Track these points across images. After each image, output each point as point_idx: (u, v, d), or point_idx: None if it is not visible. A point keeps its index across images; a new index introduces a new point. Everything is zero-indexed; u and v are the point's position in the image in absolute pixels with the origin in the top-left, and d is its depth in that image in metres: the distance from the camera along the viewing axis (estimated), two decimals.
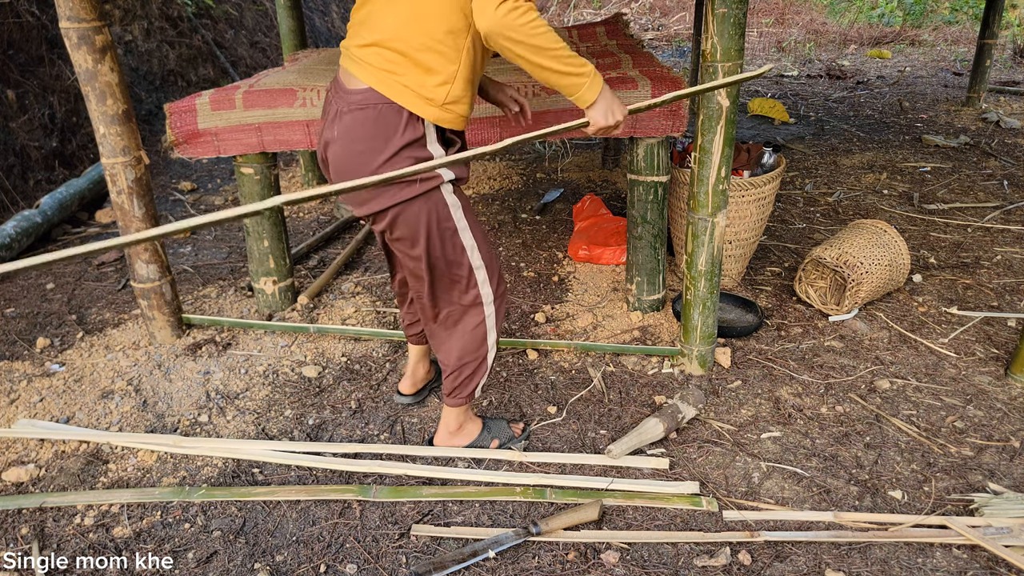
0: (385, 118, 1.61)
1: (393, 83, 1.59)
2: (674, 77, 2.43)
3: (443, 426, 2.07)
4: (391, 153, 1.62)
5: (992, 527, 1.74)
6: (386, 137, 1.61)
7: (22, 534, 1.82)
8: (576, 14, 10.86)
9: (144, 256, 2.53)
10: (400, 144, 1.62)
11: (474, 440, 2.09)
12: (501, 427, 2.12)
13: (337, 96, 1.68)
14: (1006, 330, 2.65)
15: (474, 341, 1.90)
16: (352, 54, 1.65)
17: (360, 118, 1.62)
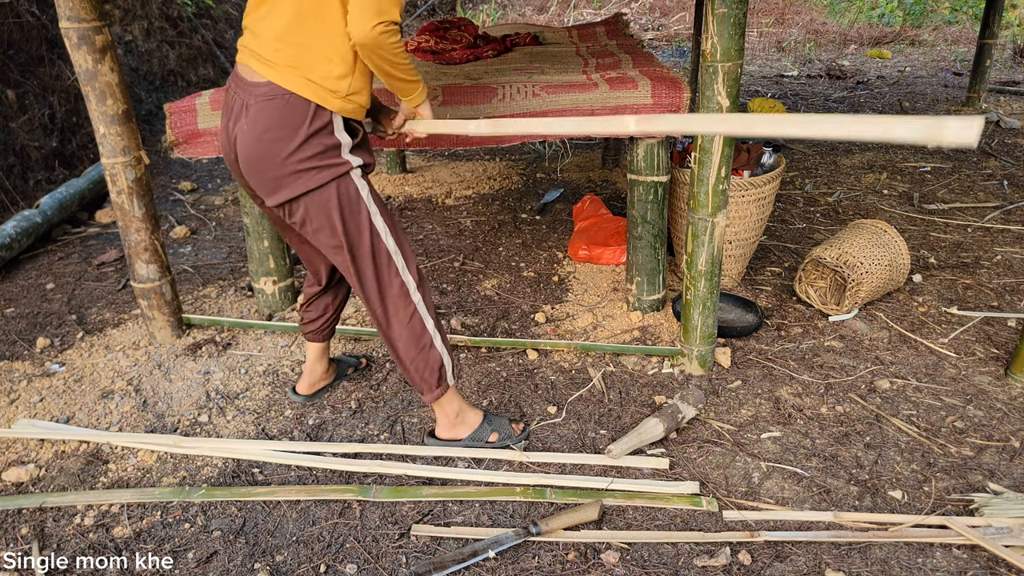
0: (293, 107, 1.66)
1: (296, 78, 1.65)
2: (674, 77, 2.43)
3: (441, 418, 2.07)
4: (301, 140, 1.67)
5: (992, 527, 1.74)
6: (295, 125, 1.66)
7: (22, 534, 1.82)
8: (576, 14, 10.86)
9: (144, 256, 2.53)
10: (309, 132, 1.67)
11: (474, 431, 2.09)
12: (502, 423, 2.13)
13: (240, 90, 1.70)
14: (1006, 330, 2.65)
15: (413, 332, 1.91)
16: (253, 51, 1.69)
17: (268, 108, 1.66)
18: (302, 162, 1.69)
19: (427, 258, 3.39)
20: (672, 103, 2.36)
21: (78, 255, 3.56)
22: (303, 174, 1.70)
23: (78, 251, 3.61)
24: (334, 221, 1.77)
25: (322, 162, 1.70)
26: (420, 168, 4.80)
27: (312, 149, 1.68)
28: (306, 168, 1.70)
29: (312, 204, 1.75)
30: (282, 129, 1.66)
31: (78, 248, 3.65)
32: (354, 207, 1.78)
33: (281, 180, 1.71)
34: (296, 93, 1.65)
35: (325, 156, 1.71)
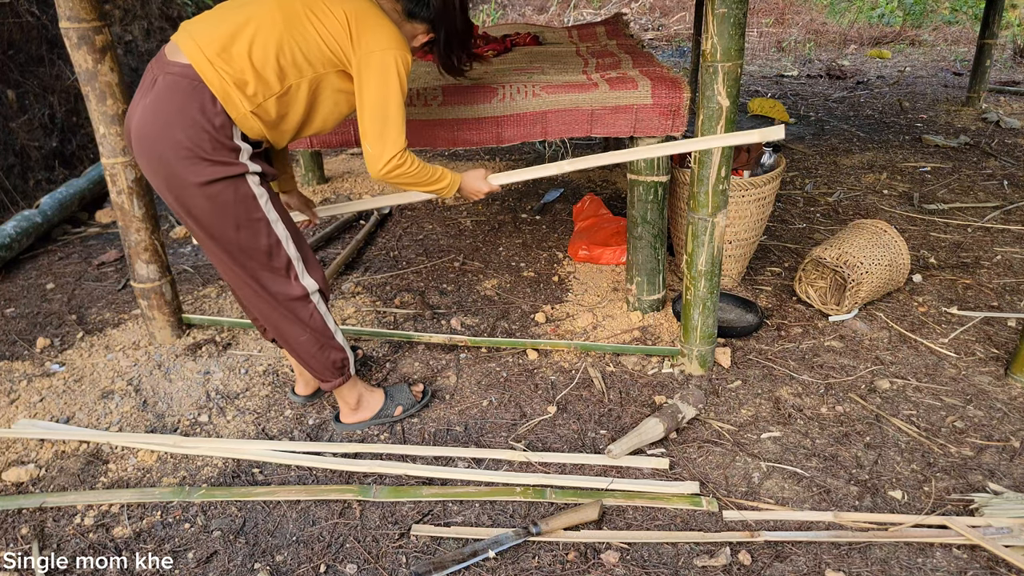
0: (198, 94, 1.63)
1: (216, 74, 1.63)
2: (674, 77, 2.43)
3: (343, 405, 2.14)
4: (196, 128, 1.62)
5: (992, 527, 1.74)
6: (194, 111, 1.62)
7: (22, 534, 1.82)
8: (576, 14, 10.86)
9: (144, 256, 2.53)
10: (206, 124, 1.63)
11: (379, 411, 2.16)
12: (403, 392, 2.19)
13: (157, 66, 1.68)
14: (1006, 330, 2.65)
15: (313, 333, 1.94)
16: (191, 33, 1.67)
17: (174, 85, 1.63)
18: (193, 151, 1.63)
19: (427, 258, 3.39)
20: (672, 103, 2.36)
21: (78, 255, 3.56)
22: (194, 163, 1.64)
23: (78, 251, 3.61)
24: (225, 224, 1.73)
25: (215, 157, 1.65)
26: None
27: (206, 142, 1.64)
28: (198, 158, 1.64)
29: (204, 202, 1.69)
30: (180, 114, 1.62)
31: (78, 248, 3.65)
32: (251, 212, 1.74)
33: (170, 164, 1.65)
34: (207, 84, 1.62)
35: (219, 153, 1.66)
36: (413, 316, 2.85)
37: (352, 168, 4.84)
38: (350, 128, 2.47)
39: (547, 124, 2.44)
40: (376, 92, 1.71)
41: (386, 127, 1.74)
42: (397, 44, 1.73)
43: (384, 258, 3.43)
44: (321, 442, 2.14)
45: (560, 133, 2.45)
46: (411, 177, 1.84)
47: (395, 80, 1.72)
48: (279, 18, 1.67)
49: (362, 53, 1.70)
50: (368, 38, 1.70)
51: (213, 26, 1.66)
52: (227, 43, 1.64)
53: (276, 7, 1.68)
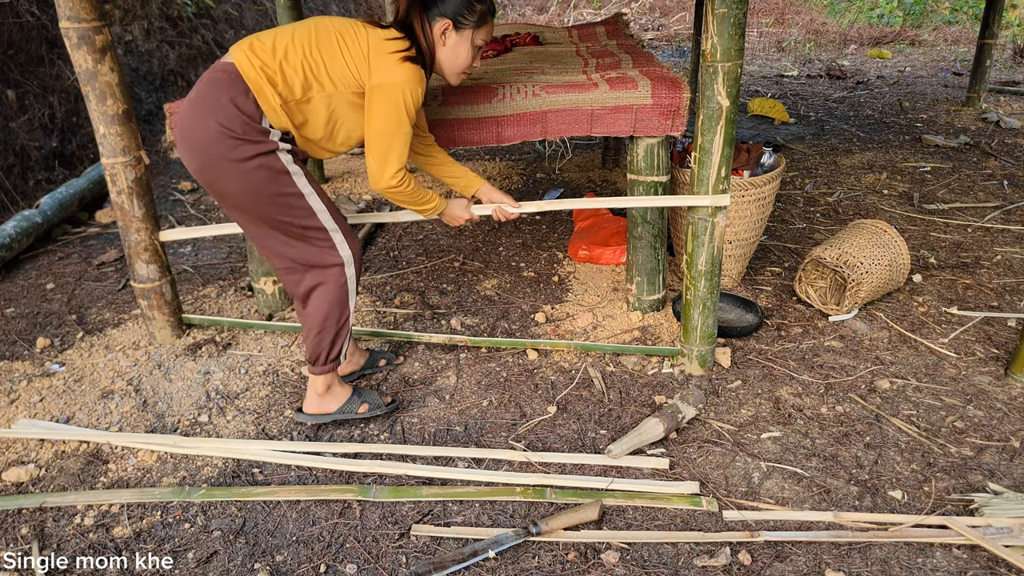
0: (235, 85, 1.78)
1: (255, 70, 1.79)
2: (674, 77, 2.43)
3: (311, 392, 2.15)
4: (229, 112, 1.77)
5: (992, 527, 1.74)
6: (228, 99, 1.77)
7: (22, 534, 1.82)
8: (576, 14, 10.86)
9: (144, 256, 2.53)
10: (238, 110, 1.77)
11: (343, 404, 2.18)
12: (372, 395, 2.22)
13: (207, 70, 1.87)
14: (1006, 330, 2.65)
15: (339, 301, 2.01)
16: (240, 42, 1.86)
17: (213, 79, 1.81)
18: (225, 132, 1.77)
19: (427, 258, 3.39)
20: (672, 103, 2.36)
21: (78, 255, 3.56)
22: (226, 142, 1.78)
23: (78, 251, 3.61)
24: (260, 199, 1.85)
25: (246, 136, 1.78)
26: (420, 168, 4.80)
27: (237, 125, 1.77)
28: (230, 138, 1.77)
29: (239, 178, 1.81)
30: (217, 100, 1.77)
31: (78, 248, 3.65)
32: (285, 187, 1.86)
33: (205, 148, 1.80)
34: (242, 76, 1.78)
35: (249, 134, 1.79)
36: (413, 316, 2.85)
37: (352, 168, 4.84)
38: None
39: (547, 124, 2.44)
40: (383, 121, 1.86)
41: (389, 153, 1.90)
42: (408, 78, 1.85)
43: (384, 258, 3.43)
44: (321, 442, 2.14)
45: (560, 133, 2.45)
46: (406, 196, 2.02)
47: (402, 112, 1.86)
48: (313, 35, 1.85)
49: (374, 82, 1.85)
50: (381, 69, 1.84)
51: (258, 36, 1.87)
52: (266, 44, 1.83)
53: (313, 26, 1.87)
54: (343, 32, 1.86)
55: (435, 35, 1.93)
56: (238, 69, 1.79)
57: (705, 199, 2.20)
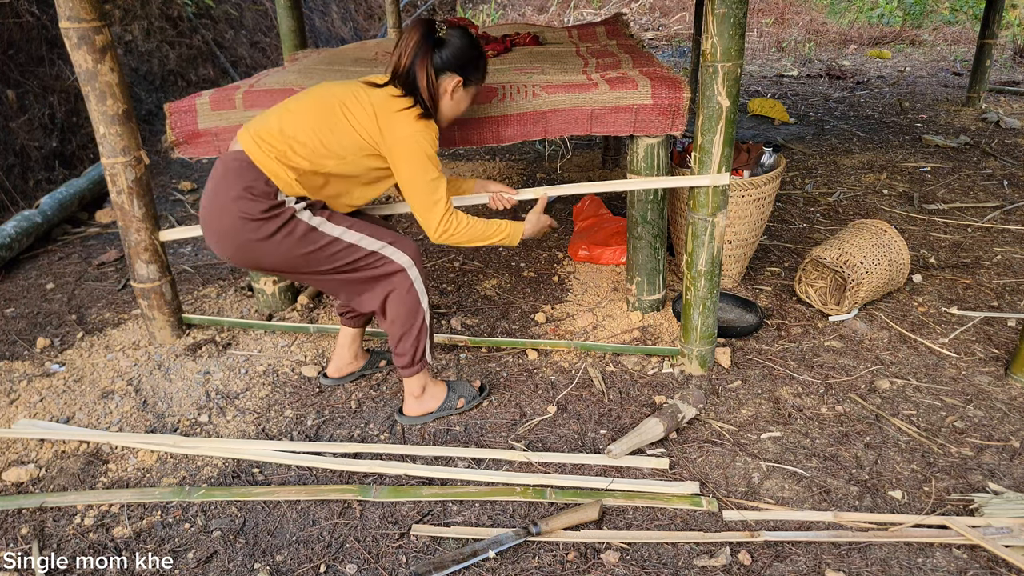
0: (248, 172, 1.88)
1: (264, 154, 1.88)
2: (674, 77, 2.43)
3: (408, 395, 2.19)
4: (243, 200, 1.86)
5: (992, 527, 1.74)
6: (242, 187, 1.87)
7: (22, 534, 1.82)
8: (576, 14, 10.86)
9: (144, 256, 2.53)
10: (253, 195, 1.87)
11: (443, 403, 2.21)
12: (464, 387, 2.26)
13: (220, 158, 1.97)
14: (1006, 330, 2.65)
15: (412, 303, 2.04)
16: (247, 126, 1.96)
17: (226, 169, 1.91)
18: (246, 217, 1.87)
19: (427, 258, 3.39)
20: (672, 103, 2.36)
21: (78, 255, 3.56)
22: (249, 226, 1.88)
23: (78, 251, 3.61)
24: (301, 260, 1.94)
25: (266, 216, 1.88)
26: None
27: (255, 209, 1.86)
28: (251, 220, 1.87)
29: (273, 251, 1.92)
30: (233, 189, 1.87)
31: (78, 248, 3.65)
32: (317, 240, 1.94)
33: (232, 235, 1.90)
34: (254, 162, 1.87)
35: (267, 212, 1.88)
36: None
37: None
38: None
39: (547, 124, 2.44)
40: (410, 173, 1.94)
41: (426, 199, 1.97)
42: (419, 128, 1.91)
43: None
44: (321, 442, 2.14)
45: (560, 132, 2.45)
46: (465, 234, 2.04)
47: (424, 160, 1.92)
48: (317, 111, 1.91)
49: (391, 142, 1.91)
50: (393, 127, 1.90)
51: (263, 119, 1.94)
52: (272, 128, 1.90)
53: (315, 100, 1.93)
54: (346, 100, 1.91)
55: (442, 88, 1.97)
56: (250, 157, 1.88)
57: (705, 179, 2.18)
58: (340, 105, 1.91)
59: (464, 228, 2.03)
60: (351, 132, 1.90)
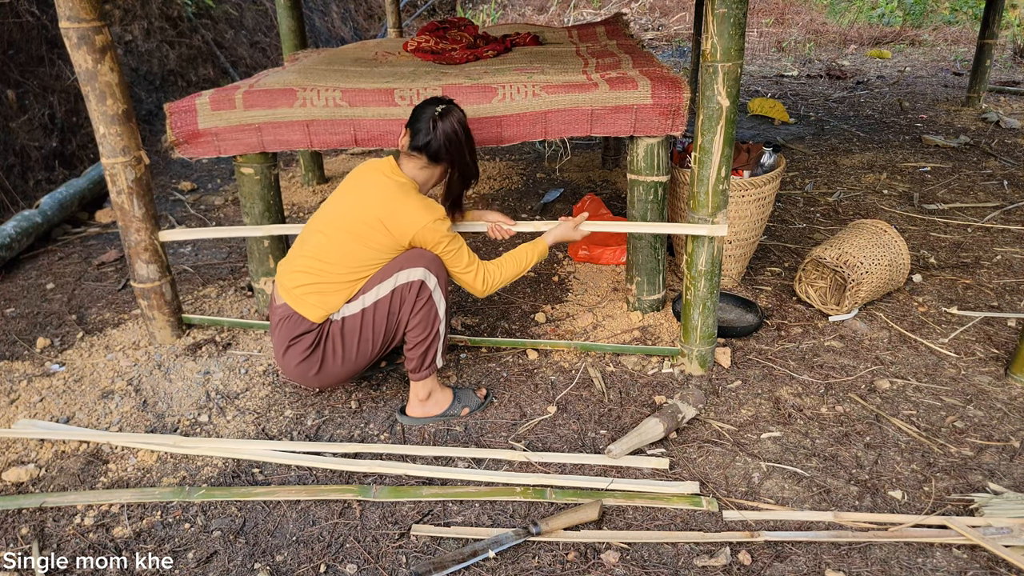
0: (295, 321, 2.06)
1: (302, 301, 2.05)
2: (673, 77, 2.43)
3: (413, 397, 2.20)
4: (293, 338, 2.06)
5: (992, 527, 1.74)
6: (294, 333, 2.06)
7: (22, 534, 1.82)
8: (576, 14, 10.86)
9: (144, 256, 2.53)
10: (306, 336, 2.05)
11: (446, 409, 2.22)
12: (469, 395, 2.27)
13: (271, 310, 2.15)
14: (1006, 330, 2.65)
15: (427, 313, 2.08)
16: (280, 280, 2.12)
17: (280, 324, 2.09)
18: (307, 361, 2.07)
19: None
20: (672, 103, 2.36)
21: (78, 255, 3.56)
22: (308, 362, 2.08)
23: (78, 251, 3.61)
24: (356, 353, 2.08)
25: (316, 344, 2.06)
26: None
27: (308, 346, 2.05)
28: (308, 357, 2.07)
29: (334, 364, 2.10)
30: (288, 340, 2.06)
31: (78, 248, 3.65)
32: (363, 326, 2.07)
33: (303, 379, 2.12)
34: (298, 312, 2.04)
35: (316, 340, 2.07)
36: None
37: (352, 168, 4.84)
38: (350, 129, 2.47)
39: (547, 124, 2.44)
40: (442, 249, 2.08)
41: (459, 266, 2.12)
42: (426, 211, 2.02)
43: None
44: (321, 442, 2.14)
45: (560, 133, 2.45)
46: (505, 277, 2.21)
47: (443, 235, 2.05)
48: (338, 250, 2.03)
49: (412, 239, 2.04)
50: (406, 225, 2.01)
51: (291, 268, 2.10)
52: (302, 274, 2.06)
53: (330, 239, 2.04)
54: (354, 229, 2.02)
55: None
56: (293, 309, 2.05)
57: (703, 228, 2.25)
58: (351, 236, 2.04)
59: (500, 274, 2.19)
60: (374, 253, 2.06)
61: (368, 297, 2.05)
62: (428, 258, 2.05)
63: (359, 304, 2.06)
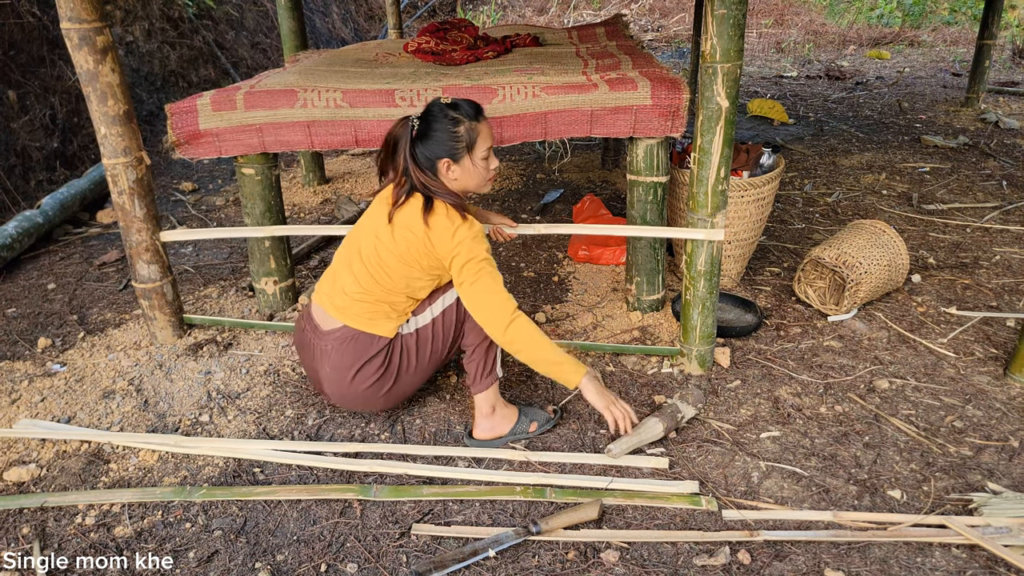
0: (363, 342, 2.00)
1: (363, 319, 1.99)
2: (673, 78, 2.43)
3: (477, 415, 2.12)
4: (366, 359, 2.00)
5: (991, 527, 1.75)
6: (361, 355, 2.00)
7: (23, 534, 1.83)
8: (576, 15, 10.87)
9: (145, 256, 2.54)
10: (371, 357, 2.00)
11: (514, 426, 2.13)
12: (536, 412, 2.19)
13: (317, 337, 2.05)
14: (1005, 330, 2.66)
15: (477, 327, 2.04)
16: (328, 295, 2.06)
17: (341, 348, 2.01)
18: (371, 376, 2.02)
19: None
20: (671, 104, 2.37)
21: (79, 255, 3.56)
22: (379, 384, 2.04)
23: (79, 251, 3.61)
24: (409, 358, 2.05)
25: (384, 365, 2.02)
26: None
27: (375, 365, 2.01)
28: (375, 376, 2.02)
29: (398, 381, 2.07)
30: (356, 360, 2.00)
31: (79, 248, 3.65)
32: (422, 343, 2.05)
33: (363, 400, 2.08)
34: (361, 330, 1.98)
35: (383, 359, 2.02)
36: None
37: (352, 169, 4.85)
38: (351, 129, 2.47)
39: (547, 124, 2.44)
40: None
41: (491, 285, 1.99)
42: (459, 230, 1.92)
43: None
44: (322, 442, 2.14)
45: (560, 133, 2.46)
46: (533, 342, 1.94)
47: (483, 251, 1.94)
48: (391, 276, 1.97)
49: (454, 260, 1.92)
50: (442, 245, 1.92)
51: (339, 291, 2.03)
52: (355, 294, 1.99)
53: (389, 266, 1.97)
54: (405, 257, 1.95)
55: (442, 175, 1.97)
56: (355, 328, 1.98)
57: (700, 233, 2.25)
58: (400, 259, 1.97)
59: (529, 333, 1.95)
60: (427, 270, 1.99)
61: (436, 306, 2.03)
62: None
63: (428, 314, 2.03)
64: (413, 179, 1.96)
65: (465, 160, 1.97)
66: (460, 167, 1.97)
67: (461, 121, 1.94)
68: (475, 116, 1.96)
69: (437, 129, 1.93)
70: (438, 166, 1.96)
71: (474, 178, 2.01)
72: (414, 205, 1.96)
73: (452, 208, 1.95)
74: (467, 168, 1.98)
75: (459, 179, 1.99)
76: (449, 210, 1.94)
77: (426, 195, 1.95)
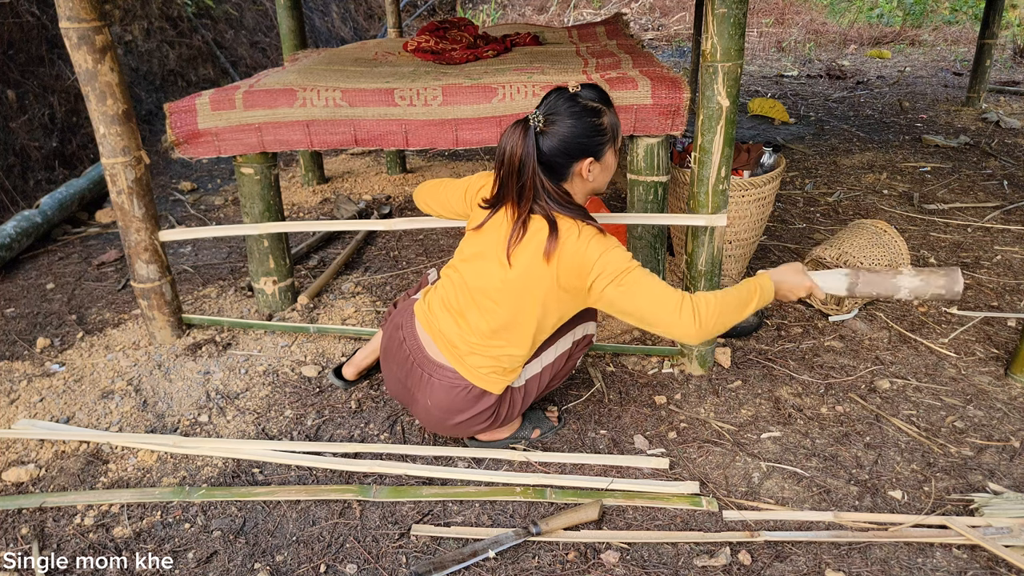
0: (474, 395, 1.87)
1: (479, 374, 1.85)
2: (674, 77, 2.43)
3: None
4: (474, 412, 1.91)
5: (992, 527, 1.74)
6: (474, 408, 1.90)
7: (22, 534, 1.82)
8: (576, 14, 10.86)
9: (144, 256, 2.53)
10: (483, 413, 1.91)
11: (516, 431, 2.11)
12: (539, 417, 2.16)
13: (421, 359, 1.90)
14: (1006, 330, 2.65)
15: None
16: (440, 328, 1.87)
17: (450, 394, 1.87)
18: (481, 422, 1.93)
19: (427, 258, 3.39)
20: (672, 103, 2.36)
21: (78, 255, 3.56)
22: (484, 427, 1.96)
23: (78, 251, 3.61)
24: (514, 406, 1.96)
25: (495, 415, 1.94)
26: (420, 168, 4.81)
27: (488, 412, 1.91)
28: (484, 423, 1.94)
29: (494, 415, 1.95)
30: (463, 412, 1.89)
31: (78, 248, 3.65)
32: (520, 395, 1.96)
33: (458, 431, 1.99)
34: (477, 386, 1.85)
35: (493, 412, 1.93)
36: None
37: (352, 168, 4.84)
38: (350, 128, 2.47)
39: None
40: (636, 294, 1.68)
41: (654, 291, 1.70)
42: (594, 241, 1.66)
43: (384, 258, 3.43)
44: (321, 442, 2.14)
45: None
46: (724, 321, 1.69)
47: (623, 252, 1.68)
48: (521, 316, 1.78)
49: (596, 282, 1.68)
50: (575, 268, 1.67)
51: (452, 332, 1.84)
52: (473, 344, 1.83)
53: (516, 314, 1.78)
54: (547, 293, 1.73)
55: (577, 177, 1.71)
56: (471, 383, 1.86)
57: (701, 219, 2.22)
58: (532, 301, 1.76)
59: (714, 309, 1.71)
60: (555, 313, 1.82)
61: (548, 355, 1.93)
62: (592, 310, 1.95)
63: (538, 364, 1.93)
64: (540, 198, 1.66)
65: (608, 154, 1.70)
66: (601, 164, 1.70)
67: (603, 111, 1.65)
68: (609, 101, 1.70)
69: (574, 125, 1.63)
70: (574, 169, 1.68)
71: (607, 174, 1.76)
72: (536, 237, 1.68)
73: (578, 222, 1.67)
74: (607, 164, 1.72)
75: (596, 179, 1.73)
76: (582, 229, 1.66)
77: (550, 217, 1.66)
